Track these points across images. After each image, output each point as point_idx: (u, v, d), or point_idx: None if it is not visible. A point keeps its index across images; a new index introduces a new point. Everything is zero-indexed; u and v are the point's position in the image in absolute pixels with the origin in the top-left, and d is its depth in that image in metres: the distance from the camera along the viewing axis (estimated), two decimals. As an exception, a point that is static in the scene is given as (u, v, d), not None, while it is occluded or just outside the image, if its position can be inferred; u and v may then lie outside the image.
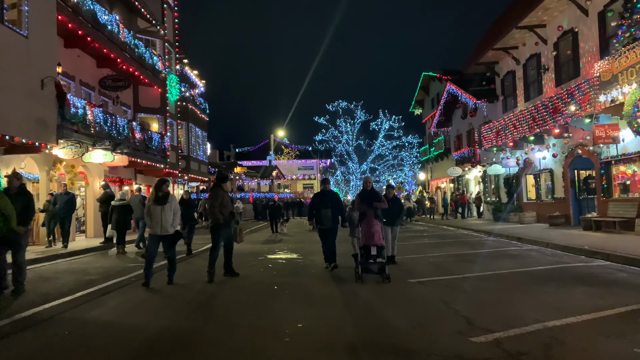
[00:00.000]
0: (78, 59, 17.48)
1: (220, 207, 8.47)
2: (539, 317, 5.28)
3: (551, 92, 19.05)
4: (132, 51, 19.78)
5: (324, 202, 9.27)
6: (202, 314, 6.03)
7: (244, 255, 12.26)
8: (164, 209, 7.89)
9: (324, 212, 9.18)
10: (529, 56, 21.41)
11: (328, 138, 60.87)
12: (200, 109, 31.07)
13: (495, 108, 25.52)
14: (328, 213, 9.16)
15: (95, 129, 15.59)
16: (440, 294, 6.81)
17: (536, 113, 18.18)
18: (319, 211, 9.30)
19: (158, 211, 7.86)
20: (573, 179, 18.73)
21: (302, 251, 13.10)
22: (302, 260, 11.23)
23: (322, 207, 9.23)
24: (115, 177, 20.20)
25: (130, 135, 18.17)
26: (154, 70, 22.24)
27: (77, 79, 17.31)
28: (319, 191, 9.77)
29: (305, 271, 9.40)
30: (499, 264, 9.71)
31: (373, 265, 7.72)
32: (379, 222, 8.07)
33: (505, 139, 21.36)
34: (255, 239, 18.28)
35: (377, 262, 7.73)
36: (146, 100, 23.00)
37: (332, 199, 9.44)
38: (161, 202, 7.89)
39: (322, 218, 9.25)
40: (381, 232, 8.00)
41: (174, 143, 25.60)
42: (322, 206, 9.24)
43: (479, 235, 17.63)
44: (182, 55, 28.62)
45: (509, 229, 17.98)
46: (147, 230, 8.52)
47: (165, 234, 7.96)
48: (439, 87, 36.75)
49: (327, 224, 9.24)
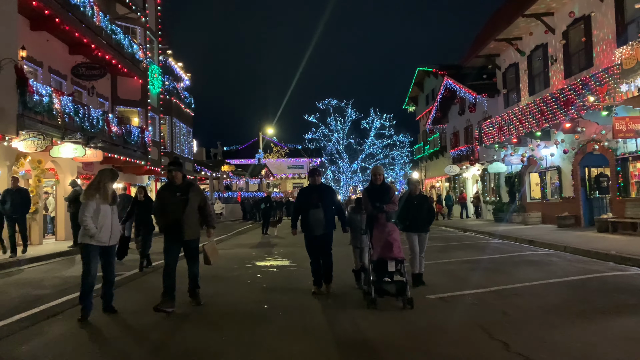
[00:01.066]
0: (47, 43, 15.86)
1: (160, 211, 6.26)
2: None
3: (559, 84, 17.84)
4: (109, 37, 18.18)
5: (313, 201, 6.87)
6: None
7: (229, 262, 10.80)
8: (114, 211, 6.00)
9: (313, 214, 6.81)
10: (534, 47, 20.20)
11: (318, 137, 59.71)
12: (185, 103, 29.45)
13: (495, 103, 24.32)
14: (319, 215, 6.80)
15: (64, 119, 14.01)
16: (474, 317, 5.43)
17: (545, 106, 16.96)
18: (306, 213, 6.87)
19: (108, 212, 5.87)
20: (583, 177, 17.54)
21: (294, 257, 11.68)
22: (295, 268, 9.81)
23: (311, 207, 6.85)
24: (90, 174, 18.57)
25: (106, 128, 16.58)
26: (134, 60, 20.64)
27: (45, 65, 15.69)
28: (305, 186, 7.37)
29: (300, 283, 7.97)
30: (522, 273, 8.40)
31: (390, 285, 5.92)
32: (396, 228, 6.36)
33: (509, 135, 20.14)
34: (244, 241, 16.80)
35: (397, 282, 5.93)
36: (125, 91, 21.39)
37: (325, 195, 6.95)
38: (113, 201, 5.98)
39: (310, 222, 6.84)
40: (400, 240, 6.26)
41: (156, 138, 24.00)
42: (311, 206, 6.85)
43: (484, 238, 16.37)
44: (166, 45, 27.01)
45: (515, 231, 16.74)
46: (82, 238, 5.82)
47: (114, 243, 6.03)
48: (434, 83, 35.58)
49: (319, 230, 6.82)
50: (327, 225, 6.86)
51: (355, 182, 64.25)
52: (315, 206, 6.85)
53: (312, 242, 6.98)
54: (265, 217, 19.40)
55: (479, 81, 25.93)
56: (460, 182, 30.88)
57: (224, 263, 10.66)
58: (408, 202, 7.32)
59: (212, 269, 9.67)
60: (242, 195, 41.08)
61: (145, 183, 24.68)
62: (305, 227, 6.95)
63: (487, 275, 8.33)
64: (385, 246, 5.99)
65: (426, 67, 35.63)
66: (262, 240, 16.88)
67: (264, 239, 17.44)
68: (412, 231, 7.30)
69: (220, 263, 10.63)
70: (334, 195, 7.20)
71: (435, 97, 34.88)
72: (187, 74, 31.41)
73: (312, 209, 6.85)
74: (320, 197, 6.91)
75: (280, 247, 14.16)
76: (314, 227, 6.85)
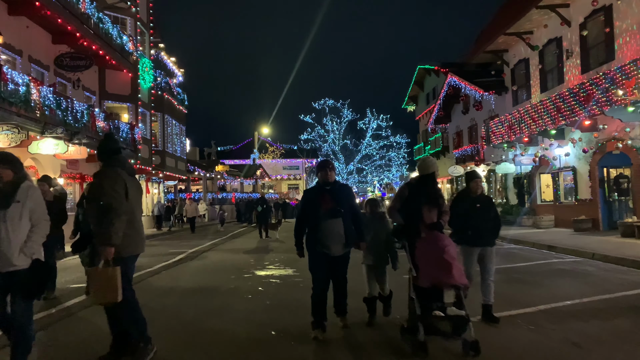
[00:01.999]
0: (27, 30, 14.61)
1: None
2: None
3: (576, 79, 16.82)
4: (96, 26, 16.95)
5: (327, 207, 4.83)
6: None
7: (226, 271, 9.63)
8: (7, 218, 3.60)
9: (328, 226, 4.80)
10: (546, 41, 19.18)
11: (314, 137, 58.78)
12: (177, 100, 28.19)
13: (503, 101, 23.30)
14: (336, 227, 4.80)
15: (44, 112, 12.78)
16: (543, 351, 4.30)
17: (562, 103, 15.93)
18: (316, 225, 4.85)
19: None
20: (602, 178, 16.50)
21: (297, 264, 10.50)
22: (300, 278, 8.65)
23: (325, 215, 4.82)
24: (75, 173, 17.34)
25: (91, 123, 15.34)
26: (123, 51, 19.41)
27: (25, 54, 14.43)
28: (313, 186, 5.35)
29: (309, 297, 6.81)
30: (562, 287, 7.32)
31: (445, 322, 4.17)
32: (451, 241, 4.60)
33: (520, 134, 19.11)
34: (240, 246, 15.61)
35: (454, 317, 4.19)
36: (114, 86, 20.14)
37: (342, 198, 4.96)
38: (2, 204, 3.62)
39: (323, 239, 4.81)
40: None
41: (146, 136, 22.76)
42: (325, 214, 4.82)
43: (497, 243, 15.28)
44: (158, 39, 25.77)
45: (528, 235, 15.69)
46: None
47: (8, 269, 3.59)
48: (435, 82, 34.63)
49: (337, 249, 4.83)
50: (349, 241, 4.88)
51: (351, 183, 63.33)
52: (332, 214, 4.80)
53: (322, 265, 4.84)
54: (262, 219, 18.18)
55: (484, 78, 24.95)
56: (464, 184, 29.84)
57: (219, 272, 9.49)
58: (468, 204, 5.41)
59: (207, 279, 8.62)
60: (237, 197, 39.86)
61: (135, 183, 23.43)
62: (315, 245, 4.84)
63: (524, 290, 7.22)
64: (440, 267, 4.22)
65: (427, 65, 34.68)
66: (260, 245, 15.70)
67: (262, 243, 16.26)
68: (474, 245, 5.33)
69: (216, 272, 9.48)
70: (354, 198, 5.32)
71: (436, 96, 33.91)
72: (180, 69, 30.17)
73: (325, 219, 4.79)
74: (338, 201, 4.87)
75: (280, 253, 13.00)
76: (330, 244, 4.79)
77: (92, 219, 4.05)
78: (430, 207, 4.69)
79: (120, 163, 4.24)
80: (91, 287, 4.36)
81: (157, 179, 26.84)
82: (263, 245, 15.70)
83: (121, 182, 4.07)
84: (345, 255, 4.98)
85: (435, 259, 4.29)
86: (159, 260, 11.59)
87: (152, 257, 12.20)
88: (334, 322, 5.16)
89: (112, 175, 4.07)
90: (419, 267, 4.43)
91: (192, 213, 22.28)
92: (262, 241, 17.11)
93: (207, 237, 18.94)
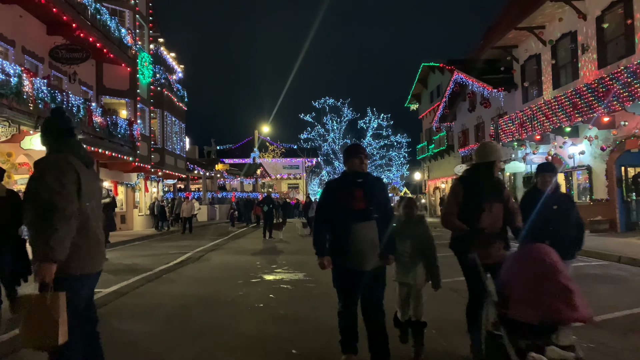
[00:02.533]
0: (20, 20, 13.92)
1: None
2: None
3: (592, 75, 16.20)
4: (93, 17, 16.26)
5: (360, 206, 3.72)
6: None
7: (232, 275, 8.95)
8: None
9: (358, 230, 3.70)
10: (560, 35, 18.54)
11: (314, 136, 58.20)
12: (177, 97, 27.49)
13: (512, 98, 22.67)
14: (369, 232, 3.72)
15: (38, 105, 12.08)
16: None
17: (578, 99, 15.30)
18: (344, 229, 3.72)
19: None
20: (620, 177, 15.88)
21: (307, 267, 9.85)
22: (313, 284, 7.99)
23: (355, 217, 3.71)
24: (71, 171, 16.62)
25: (87, 118, 14.65)
26: (122, 45, 18.71)
27: (18, 44, 13.75)
28: (338, 178, 4.07)
29: (327, 308, 6.15)
30: (603, 295, 6.68)
31: None
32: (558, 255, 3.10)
33: (532, 132, 18.48)
34: (244, 247, 14.94)
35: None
36: (112, 80, 19.45)
37: (376, 195, 3.83)
38: None
39: (351, 247, 3.70)
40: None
41: (145, 133, 22.06)
42: (355, 216, 3.71)
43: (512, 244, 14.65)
44: (157, 33, 25.06)
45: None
46: None
47: None
48: (439, 79, 34.02)
49: (369, 261, 3.71)
50: (385, 250, 3.76)
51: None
52: (364, 216, 3.67)
53: (351, 280, 3.73)
54: (267, 219, 17.50)
55: (491, 75, 24.31)
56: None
57: (225, 277, 8.82)
58: (542, 206, 4.33)
59: (211, 284, 7.95)
60: (237, 196, 39.19)
61: (134, 181, 22.75)
62: (342, 255, 3.72)
63: (562, 297, 6.57)
64: (555, 295, 2.81)
65: (432, 63, 34.04)
66: (265, 246, 15.02)
67: (266, 244, 15.59)
68: None
69: (221, 276, 8.82)
70: (387, 195, 4.22)
71: (440, 94, 33.29)
72: (180, 65, 29.46)
73: (355, 223, 3.66)
74: (372, 199, 3.73)
75: (288, 255, 12.33)
76: (362, 255, 3.65)
77: (28, 223, 2.81)
78: (494, 206, 3.79)
79: (73, 148, 3.07)
80: (22, 322, 2.80)
81: (156, 177, 26.13)
82: (268, 246, 15.03)
83: (72, 174, 2.88)
84: (380, 271, 3.78)
85: (545, 283, 2.90)
86: (159, 262, 10.93)
87: (152, 260, 11.54)
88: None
89: (59, 164, 2.89)
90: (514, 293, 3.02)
91: (188, 212, 21.33)
92: (266, 242, 16.44)
93: (208, 238, 18.27)
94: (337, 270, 3.83)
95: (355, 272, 3.71)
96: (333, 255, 3.79)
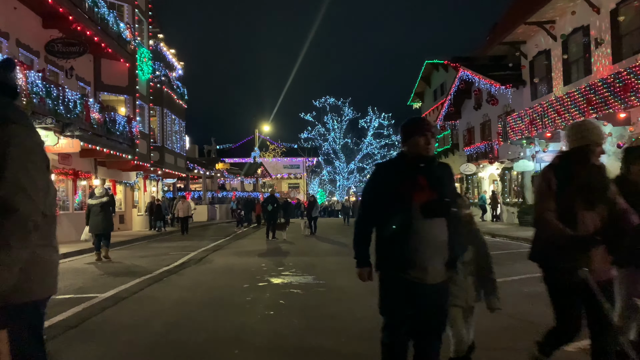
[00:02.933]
0: (15, 12, 13.40)
1: None
2: None
3: (606, 70, 15.69)
4: (91, 10, 15.74)
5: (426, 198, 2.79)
6: None
7: (237, 278, 8.42)
8: None
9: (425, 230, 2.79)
10: (571, 30, 18.04)
11: (314, 136, 57.85)
12: (177, 94, 26.95)
13: (520, 95, 22.17)
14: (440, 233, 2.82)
15: (32, 100, 11.55)
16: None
17: (593, 94, 14.79)
18: (404, 228, 2.77)
19: None
20: (635, 175, 15.37)
21: (315, 270, 9.34)
22: (324, 287, 7.46)
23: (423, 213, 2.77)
24: (68, 169, 16.10)
25: (85, 114, 14.12)
26: (120, 40, 18.19)
27: (12, 37, 13.22)
28: (391, 160, 3.09)
29: (345, 315, 5.63)
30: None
31: None
32: None
33: (543, 129, 17.98)
34: (247, 248, 14.41)
35: None
36: (110, 76, 18.91)
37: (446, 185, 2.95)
38: None
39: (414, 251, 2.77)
40: None
41: (144, 130, 21.52)
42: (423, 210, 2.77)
43: (523, 245, 14.11)
44: (157, 29, 24.53)
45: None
46: None
47: None
48: (443, 77, 33.53)
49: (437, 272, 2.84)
50: (455, 257, 2.91)
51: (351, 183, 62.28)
52: (431, 211, 2.79)
53: (408, 296, 2.83)
54: (271, 219, 16.96)
55: (498, 72, 23.83)
56: (475, 182, 28.75)
57: (229, 280, 8.29)
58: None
59: (216, 288, 7.40)
60: (237, 195, 38.67)
61: (133, 180, 22.21)
62: (398, 262, 2.83)
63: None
64: None
65: (436, 60, 33.53)
66: (269, 247, 14.49)
67: (270, 245, 15.06)
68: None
69: (225, 279, 8.29)
70: (456, 189, 3.64)
71: (444, 92, 32.82)
72: (180, 62, 28.92)
73: (420, 220, 2.77)
74: (440, 190, 2.85)
75: (294, 256, 11.80)
76: (427, 263, 2.78)
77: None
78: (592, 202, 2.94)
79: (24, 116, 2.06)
80: None
81: (156, 176, 25.60)
82: (272, 247, 14.50)
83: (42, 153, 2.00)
84: (444, 287, 2.90)
85: None
86: (159, 264, 10.41)
87: (152, 261, 11.02)
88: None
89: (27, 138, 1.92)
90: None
91: (184, 212, 20.37)
92: (270, 242, 15.92)
93: (209, 238, 17.75)
94: (387, 283, 2.88)
95: (414, 285, 2.77)
96: (383, 262, 2.88)
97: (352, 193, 58.89)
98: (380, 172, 3.02)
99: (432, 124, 3.20)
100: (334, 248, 13.94)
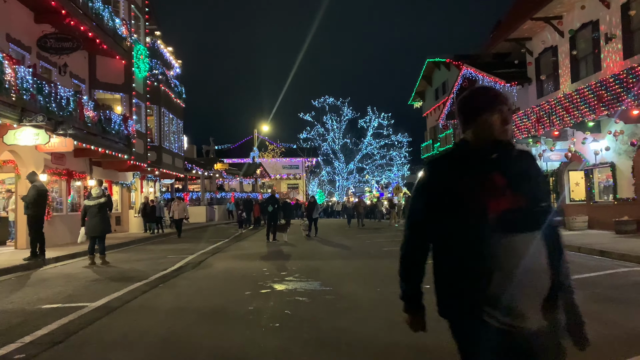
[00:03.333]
0: (4, 6, 12.88)
1: None
2: None
3: (617, 66, 15.23)
4: (85, 5, 15.21)
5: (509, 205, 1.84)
6: None
7: (238, 284, 7.91)
8: None
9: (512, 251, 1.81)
10: (579, 26, 17.58)
11: (313, 136, 57.48)
12: (175, 93, 26.42)
13: (525, 93, 21.73)
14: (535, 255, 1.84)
15: (22, 97, 11.03)
16: None
17: (604, 91, 14.31)
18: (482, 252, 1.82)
19: None
20: (647, 174, 14.91)
21: (321, 275, 8.83)
22: (332, 295, 6.95)
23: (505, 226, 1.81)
24: (61, 169, 15.56)
25: (78, 112, 13.60)
26: (116, 36, 17.66)
27: (1, 32, 12.71)
28: (449, 152, 2.04)
29: (359, 327, 5.13)
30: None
31: None
32: None
33: (550, 127, 17.50)
34: (247, 250, 13.90)
35: None
36: (106, 74, 18.38)
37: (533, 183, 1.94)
38: None
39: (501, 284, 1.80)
40: None
41: (141, 130, 20.99)
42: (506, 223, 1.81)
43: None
44: (154, 26, 24.00)
45: (566, 238, 14.06)
46: None
47: None
48: (445, 76, 33.06)
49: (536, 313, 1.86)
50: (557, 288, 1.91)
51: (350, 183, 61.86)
52: (519, 224, 1.84)
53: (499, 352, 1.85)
54: (272, 221, 16.43)
55: (502, 69, 23.37)
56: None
57: (230, 287, 7.78)
58: None
59: (215, 296, 6.85)
60: (236, 196, 38.13)
61: (130, 181, 21.67)
62: (475, 301, 1.84)
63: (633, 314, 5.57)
64: None
65: (437, 58, 33.04)
66: (270, 249, 13.97)
67: (271, 247, 14.54)
68: None
69: (225, 286, 7.77)
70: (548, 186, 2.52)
71: (446, 91, 32.37)
72: (178, 60, 28.37)
73: (502, 236, 1.82)
74: (525, 189, 1.90)
75: (296, 260, 11.28)
76: (520, 301, 1.82)
77: None
78: None
79: None
80: None
81: (153, 177, 25.06)
82: (273, 249, 13.98)
83: None
84: (552, 337, 1.90)
85: None
86: (155, 268, 9.91)
87: (148, 265, 10.51)
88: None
89: None
90: None
91: (179, 214, 19.44)
92: (270, 245, 15.39)
93: (207, 240, 17.22)
94: (464, 329, 1.92)
95: (502, 332, 1.83)
96: (455, 300, 1.91)
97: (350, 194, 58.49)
98: (435, 172, 2.01)
99: (507, 95, 2.18)
100: (338, 251, 13.43)
